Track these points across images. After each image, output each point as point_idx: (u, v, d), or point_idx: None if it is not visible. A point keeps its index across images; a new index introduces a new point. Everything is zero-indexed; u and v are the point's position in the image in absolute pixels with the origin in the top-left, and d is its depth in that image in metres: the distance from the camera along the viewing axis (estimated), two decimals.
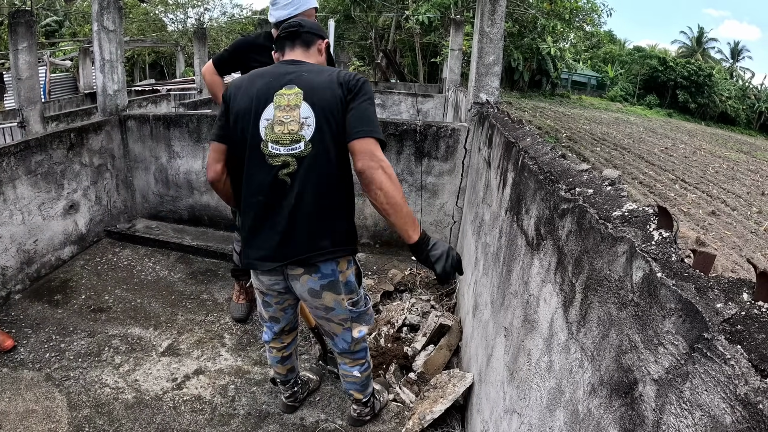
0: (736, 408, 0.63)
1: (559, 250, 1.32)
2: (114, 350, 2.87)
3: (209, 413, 2.44)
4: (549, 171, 1.55)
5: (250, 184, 1.82)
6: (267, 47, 2.99)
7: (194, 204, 4.38)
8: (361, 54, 27.69)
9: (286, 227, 1.79)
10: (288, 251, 1.81)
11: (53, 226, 3.64)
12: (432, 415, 2.26)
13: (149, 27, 25.83)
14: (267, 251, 1.84)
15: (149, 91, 13.34)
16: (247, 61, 2.97)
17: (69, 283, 3.51)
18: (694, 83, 39.76)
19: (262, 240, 1.85)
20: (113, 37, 4.12)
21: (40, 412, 2.39)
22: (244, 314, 3.23)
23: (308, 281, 1.87)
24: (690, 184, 15.44)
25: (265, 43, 3.00)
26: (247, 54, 2.97)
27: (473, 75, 3.72)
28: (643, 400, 0.84)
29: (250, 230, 1.87)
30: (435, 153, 3.82)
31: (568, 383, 1.14)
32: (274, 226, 1.81)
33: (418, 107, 10.00)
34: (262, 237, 1.85)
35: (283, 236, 1.80)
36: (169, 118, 4.18)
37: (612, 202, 1.17)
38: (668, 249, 0.90)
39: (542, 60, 29.87)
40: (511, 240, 1.92)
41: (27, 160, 3.36)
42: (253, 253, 1.88)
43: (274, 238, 1.81)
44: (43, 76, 12.89)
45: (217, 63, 3.02)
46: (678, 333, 0.77)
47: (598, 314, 1.04)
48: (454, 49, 9.87)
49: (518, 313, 1.65)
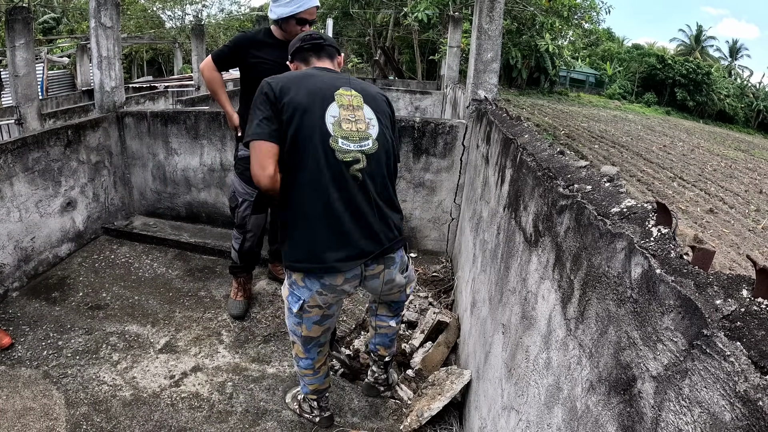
0: (735, 405, 0.63)
1: (557, 247, 1.32)
2: (112, 347, 2.86)
3: (207, 410, 2.44)
4: (547, 167, 1.54)
5: (317, 181, 1.73)
6: (267, 43, 2.98)
7: (192, 201, 4.37)
8: (360, 51, 27.66)
9: (365, 222, 1.78)
10: (372, 247, 1.81)
11: (50, 223, 3.63)
12: (430, 412, 2.26)
13: (147, 24, 25.75)
14: (350, 250, 1.77)
15: (147, 88, 13.30)
16: (246, 57, 2.95)
17: (66, 281, 3.51)
18: (692, 81, 39.77)
19: (343, 239, 1.77)
20: (111, 33, 4.10)
21: (37, 409, 2.38)
22: (242, 311, 3.22)
23: (387, 274, 1.94)
24: (688, 182, 15.46)
25: (265, 39, 2.98)
26: (247, 50, 2.95)
27: (471, 72, 3.71)
28: (642, 397, 0.83)
29: (323, 231, 1.76)
30: (433, 150, 3.82)
31: (566, 380, 1.14)
32: (353, 222, 1.77)
33: (416, 104, 9.99)
34: (341, 236, 1.76)
35: (363, 232, 1.79)
36: (167, 114, 4.17)
37: (610, 198, 1.17)
38: (667, 245, 0.90)
39: (540, 57, 29.85)
40: (509, 237, 1.92)
41: (24, 157, 3.34)
42: (333, 255, 1.76)
43: (354, 235, 1.77)
44: (40, 73, 12.84)
45: (216, 59, 3.00)
46: (677, 329, 0.77)
47: (597, 311, 1.04)
48: (453, 46, 9.86)
49: (516, 309, 1.65)
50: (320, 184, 1.74)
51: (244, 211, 3.11)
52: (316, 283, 1.83)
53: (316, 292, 1.84)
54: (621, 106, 37.41)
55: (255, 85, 2.98)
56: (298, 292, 1.88)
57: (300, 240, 1.80)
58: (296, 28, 2.89)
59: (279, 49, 2.99)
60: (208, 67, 3.02)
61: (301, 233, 1.79)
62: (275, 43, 2.98)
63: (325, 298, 1.87)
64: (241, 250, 3.19)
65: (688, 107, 40.16)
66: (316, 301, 1.87)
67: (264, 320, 3.19)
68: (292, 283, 1.90)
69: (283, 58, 3.01)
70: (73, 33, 22.64)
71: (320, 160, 1.73)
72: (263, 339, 3.01)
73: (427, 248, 4.13)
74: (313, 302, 1.88)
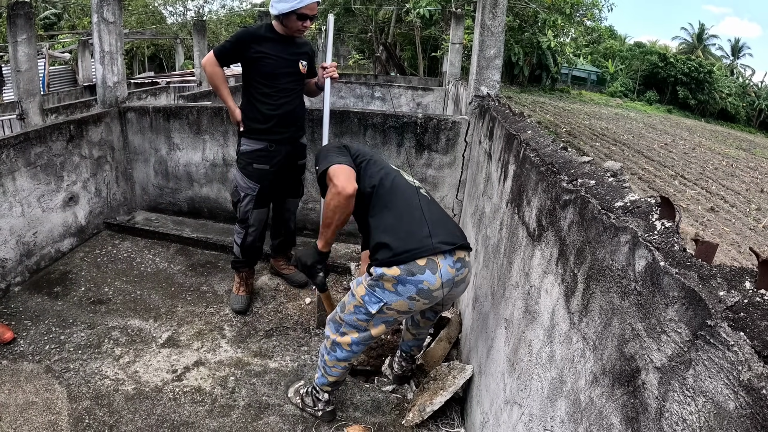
0: (739, 394, 0.63)
1: (560, 241, 1.33)
2: (114, 342, 2.87)
3: (209, 404, 2.45)
4: (551, 163, 1.54)
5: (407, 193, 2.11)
6: (268, 38, 2.98)
7: (194, 196, 4.37)
8: (361, 47, 27.61)
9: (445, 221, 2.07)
10: (454, 239, 1.99)
11: (53, 218, 3.63)
12: (432, 407, 2.27)
13: (148, 19, 25.73)
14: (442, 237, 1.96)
15: (149, 84, 13.30)
16: (248, 51, 2.95)
17: (69, 275, 3.51)
18: (694, 80, 39.67)
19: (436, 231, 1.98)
20: (113, 28, 4.10)
21: (40, 403, 2.39)
22: (244, 306, 3.23)
23: (468, 276, 2.07)
24: (689, 180, 15.45)
25: (267, 34, 2.98)
26: (249, 45, 2.94)
27: (474, 68, 3.71)
28: (646, 388, 0.84)
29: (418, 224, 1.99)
30: (435, 146, 3.82)
31: (569, 373, 1.15)
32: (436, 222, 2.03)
33: (417, 101, 9.98)
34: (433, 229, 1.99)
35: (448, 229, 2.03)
36: (169, 110, 4.17)
37: (614, 193, 1.17)
38: (671, 239, 0.90)
39: (542, 54, 29.81)
40: (512, 232, 1.92)
41: (26, 152, 3.34)
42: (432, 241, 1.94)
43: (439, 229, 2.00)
44: (42, 68, 12.83)
45: (218, 54, 2.99)
46: (681, 321, 0.78)
47: (601, 304, 1.04)
48: (455, 42, 9.84)
49: (519, 304, 1.65)
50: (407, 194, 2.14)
51: (246, 205, 3.11)
52: (411, 289, 1.90)
53: (408, 297, 1.92)
54: (623, 104, 37.34)
55: (257, 80, 3.00)
56: (381, 295, 1.95)
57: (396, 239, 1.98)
58: (297, 23, 2.89)
59: (280, 44, 2.99)
60: (210, 62, 3.01)
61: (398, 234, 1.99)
62: (277, 38, 2.98)
63: (415, 304, 1.94)
64: (243, 244, 3.19)
65: (690, 106, 40.08)
66: (401, 306, 1.95)
67: (266, 315, 3.20)
68: (377, 285, 1.96)
69: (285, 53, 3.02)
70: (74, 29, 22.64)
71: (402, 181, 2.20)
72: (265, 334, 3.02)
73: None
74: (396, 306, 1.95)
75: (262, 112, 3.03)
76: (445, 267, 1.90)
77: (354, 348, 2.14)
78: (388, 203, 2.05)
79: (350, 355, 2.17)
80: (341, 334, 2.14)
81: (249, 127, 3.07)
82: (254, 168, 3.07)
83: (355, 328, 2.09)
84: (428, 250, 1.89)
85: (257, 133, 3.06)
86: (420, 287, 1.89)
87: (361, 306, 2.02)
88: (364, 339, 2.11)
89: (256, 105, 3.03)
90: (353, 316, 2.06)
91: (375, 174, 2.14)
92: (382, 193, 2.08)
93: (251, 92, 3.04)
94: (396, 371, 2.66)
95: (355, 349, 2.15)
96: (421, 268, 1.88)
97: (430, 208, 2.07)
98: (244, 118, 3.08)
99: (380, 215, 2.05)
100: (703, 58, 44.31)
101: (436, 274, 1.89)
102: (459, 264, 1.96)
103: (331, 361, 2.20)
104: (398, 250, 1.90)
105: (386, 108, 9.84)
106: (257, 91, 3.02)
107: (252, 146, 3.07)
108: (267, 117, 3.04)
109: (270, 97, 3.02)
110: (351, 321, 2.08)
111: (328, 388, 2.31)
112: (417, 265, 1.88)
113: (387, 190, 2.09)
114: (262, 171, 3.09)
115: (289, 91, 3.08)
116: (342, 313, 2.13)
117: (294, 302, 3.35)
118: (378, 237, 1.99)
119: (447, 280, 1.92)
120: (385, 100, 9.98)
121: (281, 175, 3.23)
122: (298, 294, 3.45)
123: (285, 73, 3.03)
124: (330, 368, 2.23)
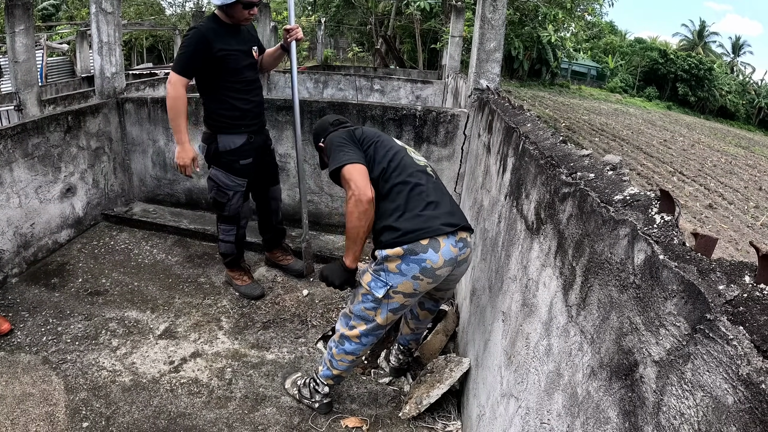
0: (738, 388, 0.63)
1: (559, 234, 1.32)
2: (111, 333, 2.86)
3: (206, 396, 2.45)
4: (550, 156, 1.54)
5: (415, 175, 2.10)
6: (221, 32, 2.85)
7: (192, 187, 4.36)
8: (361, 40, 27.49)
9: (449, 203, 2.09)
10: (456, 220, 2.03)
11: (50, 209, 3.62)
12: (429, 400, 2.27)
13: (147, 10, 25.57)
14: (445, 219, 2.00)
15: (147, 75, 13.23)
16: (211, 52, 2.80)
17: (66, 267, 3.50)
18: (694, 77, 39.58)
19: (439, 213, 2.02)
20: (111, 19, 4.07)
21: (37, 395, 2.39)
22: (260, 290, 3.29)
23: (470, 256, 2.13)
24: (688, 177, 15.44)
25: (218, 28, 2.85)
26: (210, 45, 2.79)
27: (474, 61, 3.70)
28: (644, 381, 0.83)
29: (425, 207, 2.01)
30: (434, 138, 3.81)
31: (567, 366, 1.15)
32: (440, 204, 2.05)
33: (416, 93, 9.95)
34: (437, 211, 2.02)
35: (450, 211, 2.05)
36: None
37: (614, 186, 1.16)
38: (670, 232, 0.90)
39: (542, 49, 29.73)
40: (511, 225, 1.91)
41: (24, 143, 3.33)
42: (435, 222, 1.97)
43: (443, 210, 2.04)
44: (39, 59, 12.76)
45: (183, 70, 2.82)
46: (680, 314, 0.77)
47: (599, 297, 1.04)
48: (455, 35, 9.80)
49: (517, 297, 1.65)
50: (416, 176, 2.12)
51: (237, 202, 3.10)
52: (414, 268, 1.94)
53: (412, 277, 1.96)
54: (622, 100, 37.27)
55: (224, 77, 2.89)
56: (386, 278, 1.99)
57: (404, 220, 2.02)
58: (243, 12, 2.81)
59: (233, 36, 2.90)
60: (176, 85, 2.79)
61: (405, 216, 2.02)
62: (227, 31, 2.88)
63: (420, 284, 1.98)
64: (236, 239, 3.21)
65: (690, 102, 40.02)
66: (406, 288, 1.98)
67: (263, 307, 3.20)
68: (382, 269, 2.00)
69: (240, 44, 2.92)
70: (72, 20, 22.50)
71: (411, 162, 2.18)
72: (263, 325, 3.01)
73: None
74: (401, 288, 1.99)
75: (238, 107, 2.97)
76: (447, 246, 1.94)
77: (363, 340, 2.16)
78: (394, 186, 2.06)
79: (359, 347, 2.18)
80: (350, 327, 2.16)
81: (228, 124, 2.98)
82: (241, 165, 3.04)
83: (363, 319, 2.10)
84: (431, 231, 1.93)
85: (237, 127, 3.00)
86: (423, 266, 1.93)
87: (368, 293, 2.05)
88: (372, 329, 2.13)
89: (229, 102, 2.94)
90: (361, 305, 2.09)
91: (383, 158, 2.13)
92: (389, 176, 2.08)
93: (221, 91, 2.94)
94: (393, 364, 2.67)
95: (364, 341, 2.16)
96: (424, 248, 1.92)
97: (435, 189, 2.09)
98: (220, 117, 2.97)
99: (387, 199, 2.06)
100: (704, 55, 44.20)
101: (439, 252, 1.93)
102: (461, 244, 2.00)
103: (339, 354, 2.21)
104: (402, 231, 1.94)
105: (385, 100, 9.81)
106: (227, 88, 2.93)
107: (235, 142, 3.00)
108: (243, 111, 2.99)
109: (240, 92, 2.97)
110: (359, 312, 2.10)
111: (330, 381, 2.31)
112: (420, 245, 1.92)
113: (394, 172, 2.09)
114: (247, 165, 3.07)
115: (254, 82, 3.07)
116: (351, 305, 2.16)
117: (291, 294, 3.35)
118: (383, 221, 2.02)
119: (449, 258, 1.95)
120: (384, 92, 9.95)
121: (260, 165, 3.22)
122: (296, 286, 3.45)
123: (246, 65, 2.98)
124: (336, 361, 2.23)
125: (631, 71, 42.66)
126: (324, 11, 22.02)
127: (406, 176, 2.07)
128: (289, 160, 4.07)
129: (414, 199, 2.02)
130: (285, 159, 4.07)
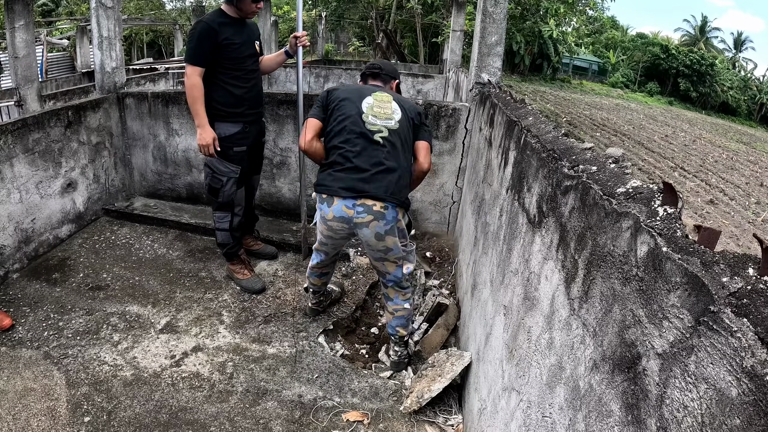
0: (742, 380, 0.62)
1: (561, 227, 1.31)
2: (112, 328, 2.87)
3: (207, 390, 2.45)
4: (552, 149, 1.53)
5: (350, 141, 2.40)
6: (227, 24, 2.95)
7: (193, 182, 4.36)
8: (361, 34, 27.41)
9: (371, 173, 2.34)
10: (366, 188, 2.32)
11: (51, 204, 3.62)
12: (430, 394, 2.27)
13: (147, 5, 25.47)
14: (349, 184, 2.33)
15: (147, 70, 13.19)
16: (217, 40, 2.89)
17: (67, 262, 3.50)
18: (696, 72, 39.43)
19: (348, 178, 2.35)
20: (111, 13, 4.06)
21: (38, 390, 2.39)
22: (261, 284, 3.32)
23: (376, 227, 2.35)
24: (689, 173, 15.41)
25: (224, 20, 2.95)
26: (216, 34, 2.89)
27: (475, 55, 3.68)
28: (647, 374, 0.83)
29: (341, 170, 2.37)
30: (435, 132, 3.79)
31: (569, 360, 1.14)
32: (360, 171, 2.34)
33: (418, 88, 9.93)
34: (349, 176, 2.35)
35: (366, 178, 2.33)
36: (168, 95, 4.13)
37: (616, 179, 1.16)
38: (673, 224, 0.89)
39: (544, 44, 29.60)
40: (512, 218, 1.91)
41: (24, 138, 3.32)
42: (336, 185, 2.35)
43: (357, 176, 2.34)
44: (39, 55, 12.73)
45: (197, 60, 2.90)
46: (683, 306, 0.77)
47: (601, 290, 1.03)
48: (456, 29, 9.77)
49: (518, 291, 1.65)
50: (352, 143, 2.40)
51: (231, 188, 3.16)
52: (318, 213, 2.50)
53: (320, 218, 2.49)
54: (623, 95, 37.14)
55: (225, 65, 2.97)
56: (318, 209, 2.50)
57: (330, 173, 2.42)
58: (252, 6, 2.95)
59: (238, 27, 3.00)
60: (191, 74, 2.90)
61: (330, 168, 2.43)
62: (233, 23, 2.97)
63: (322, 227, 2.50)
64: (231, 227, 3.24)
65: (691, 98, 39.88)
66: (324, 230, 2.51)
67: (264, 301, 3.20)
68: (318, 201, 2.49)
69: (244, 36, 3.02)
70: (72, 15, 22.44)
71: (353, 129, 2.41)
72: (264, 319, 3.02)
73: (428, 231, 4.12)
74: (323, 230, 2.51)
75: (236, 95, 3.05)
76: (339, 206, 2.35)
77: (314, 255, 2.76)
78: (330, 147, 2.47)
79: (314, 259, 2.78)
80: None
81: (225, 112, 3.06)
82: (235, 152, 3.11)
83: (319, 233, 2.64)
84: (330, 191, 2.37)
85: (233, 116, 3.08)
86: (321, 214, 2.46)
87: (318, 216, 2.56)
88: (316, 248, 2.71)
89: (228, 89, 3.02)
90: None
91: (333, 120, 2.49)
92: (330, 138, 2.47)
93: (220, 78, 3.01)
94: (392, 358, 2.67)
95: (314, 255, 2.76)
96: (322, 200, 2.41)
97: (369, 157, 2.37)
98: (217, 104, 3.03)
99: (327, 154, 2.50)
100: (705, 50, 44.03)
101: (330, 208, 2.37)
102: (360, 208, 2.33)
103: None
104: (317, 182, 2.45)
105: None
106: (227, 75, 3.01)
107: (230, 130, 3.08)
108: (241, 99, 3.08)
109: (240, 80, 3.05)
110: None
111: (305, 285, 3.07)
112: (320, 197, 2.43)
113: (334, 135, 2.46)
114: (241, 153, 3.15)
115: (254, 72, 3.16)
116: None
117: (292, 288, 3.35)
118: (319, 169, 2.52)
119: (339, 216, 2.36)
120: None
121: (251, 155, 3.30)
122: (297, 280, 3.44)
123: (248, 55, 3.09)
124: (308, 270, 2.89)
125: (633, 66, 42.51)
126: (325, 6, 21.93)
127: (339, 141, 2.42)
128: (290, 154, 4.06)
129: (338, 160, 2.39)
130: (286, 153, 4.06)
